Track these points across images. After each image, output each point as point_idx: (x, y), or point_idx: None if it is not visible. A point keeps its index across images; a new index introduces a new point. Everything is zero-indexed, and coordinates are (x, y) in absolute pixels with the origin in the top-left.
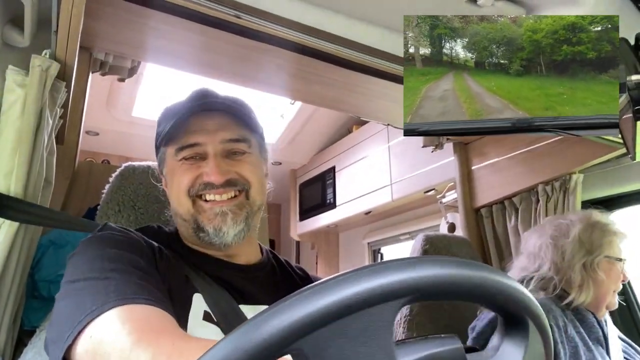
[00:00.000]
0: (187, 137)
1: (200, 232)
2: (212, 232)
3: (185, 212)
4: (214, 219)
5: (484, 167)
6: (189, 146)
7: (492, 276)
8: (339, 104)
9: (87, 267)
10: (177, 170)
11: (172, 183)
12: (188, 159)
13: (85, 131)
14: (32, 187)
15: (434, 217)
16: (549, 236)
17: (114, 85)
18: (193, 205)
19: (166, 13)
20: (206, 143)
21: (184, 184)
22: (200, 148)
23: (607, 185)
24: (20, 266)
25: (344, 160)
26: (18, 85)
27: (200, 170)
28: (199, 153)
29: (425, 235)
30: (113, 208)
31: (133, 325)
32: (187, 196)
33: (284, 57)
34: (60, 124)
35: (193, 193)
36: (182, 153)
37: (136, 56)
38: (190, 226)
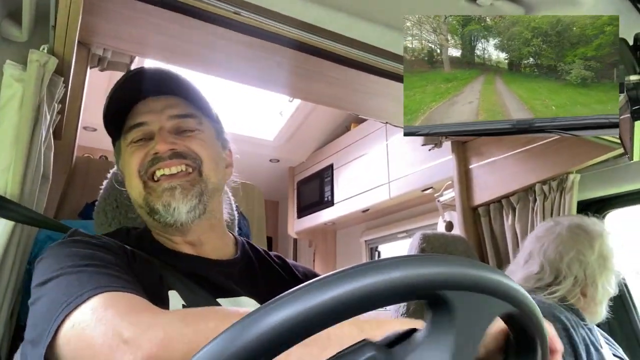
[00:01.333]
0: (133, 116)
1: (154, 214)
2: (162, 210)
3: (137, 196)
4: (162, 195)
5: (482, 166)
6: (135, 126)
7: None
8: (338, 101)
9: (57, 266)
10: (126, 154)
11: (124, 169)
12: (136, 141)
13: (83, 127)
14: (29, 183)
15: (432, 216)
16: (575, 251)
17: (113, 81)
18: (144, 188)
19: (165, 9)
20: (152, 121)
21: (133, 164)
22: (147, 127)
23: (603, 185)
24: (17, 261)
25: (342, 158)
26: (16, 80)
27: (147, 150)
28: (147, 133)
29: (423, 233)
30: (111, 204)
31: (115, 309)
32: (137, 177)
33: (283, 54)
34: (58, 120)
35: (142, 172)
36: (130, 135)
37: (135, 52)
38: (145, 211)
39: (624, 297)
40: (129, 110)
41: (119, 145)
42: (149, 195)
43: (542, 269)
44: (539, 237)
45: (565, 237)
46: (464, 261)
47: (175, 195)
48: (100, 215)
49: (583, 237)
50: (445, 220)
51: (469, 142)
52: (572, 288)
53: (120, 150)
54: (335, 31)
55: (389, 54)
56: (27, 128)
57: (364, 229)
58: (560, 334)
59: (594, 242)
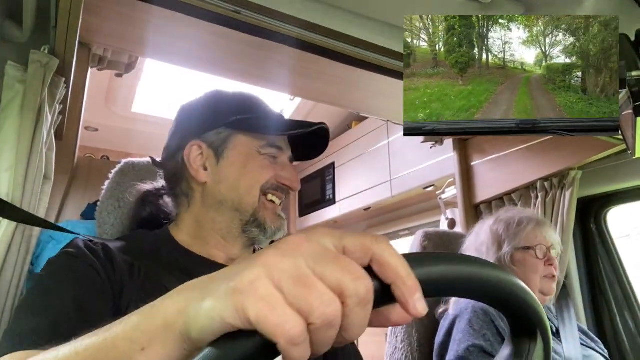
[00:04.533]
0: (277, 140)
1: (254, 227)
2: (271, 231)
3: (248, 203)
4: (277, 220)
5: (484, 163)
6: (279, 147)
7: (506, 277)
8: (339, 100)
9: (25, 301)
10: (256, 161)
11: (246, 170)
12: (272, 157)
13: (84, 127)
14: (31, 184)
15: (434, 213)
16: (480, 242)
17: (114, 81)
18: (259, 199)
19: (165, 8)
20: (285, 153)
21: (264, 177)
22: (281, 154)
23: (605, 182)
24: (20, 261)
25: (343, 156)
26: (17, 81)
27: (276, 172)
28: (277, 157)
29: (425, 231)
30: (113, 204)
31: None
32: (259, 189)
33: (284, 53)
34: (59, 120)
35: (265, 187)
36: (271, 150)
37: (135, 52)
38: (244, 218)
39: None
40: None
41: (234, 135)
42: (262, 210)
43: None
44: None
45: (474, 230)
46: None
47: (283, 226)
48: (102, 216)
49: (479, 226)
50: (448, 218)
51: (471, 140)
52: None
53: (235, 141)
54: (336, 29)
55: (390, 52)
56: (29, 129)
57: (366, 227)
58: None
59: (483, 227)
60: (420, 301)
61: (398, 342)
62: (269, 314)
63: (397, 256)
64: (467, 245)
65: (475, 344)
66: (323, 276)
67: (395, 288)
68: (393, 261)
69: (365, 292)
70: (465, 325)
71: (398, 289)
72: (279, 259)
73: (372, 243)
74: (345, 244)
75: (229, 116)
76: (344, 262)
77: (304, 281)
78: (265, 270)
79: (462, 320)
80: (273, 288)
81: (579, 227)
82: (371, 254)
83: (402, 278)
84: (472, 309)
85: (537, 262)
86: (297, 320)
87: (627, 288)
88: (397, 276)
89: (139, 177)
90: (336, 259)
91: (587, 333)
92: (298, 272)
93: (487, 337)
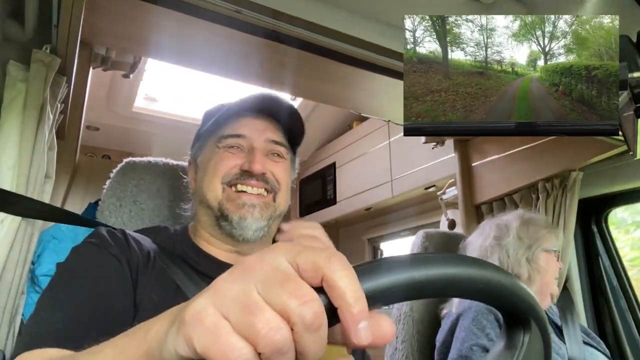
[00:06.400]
0: (234, 127)
1: (223, 221)
2: (236, 221)
3: (212, 198)
4: (241, 208)
5: (485, 164)
6: (235, 135)
7: (505, 278)
8: (340, 100)
9: (48, 291)
10: (215, 157)
11: (207, 169)
12: (229, 148)
13: (85, 126)
14: (33, 183)
15: (435, 214)
16: (492, 238)
17: (115, 80)
18: (222, 192)
19: (167, 8)
20: (252, 137)
21: (221, 169)
22: (245, 140)
23: (606, 182)
24: (21, 260)
25: (344, 157)
26: (19, 80)
27: (240, 161)
28: (242, 145)
29: (425, 231)
30: (114, 203)
31: None
32: (220, 182)
33: (285, 52)
34: (60, 119)
35: (226, 181)
36: (226, 141)
37: (137, 51)
38: (214, 214)
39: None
40: (229, 117)
41: (204, 142)
42: (226, 202)
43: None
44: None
45: (488, 232)
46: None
47: (254, 213)
48: (103, 215)
49: (501, 227)
50: (448, 219)
51: (472, 140)
52: None
53: (205, 147)
54: (337, 29)
55: (391, 52)
56: (31, 128)
57: (367, 227)
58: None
59: (510, 228)
60: (365, 330)
61: (398, 343)
62: (213, 343)
63: (346, 277)
64: (469, 244)
65: (479, 343)
66: (271, 301)
67: (341, 313)
68: (341, 283)
69: (311, 317)
70: (468, 324)
71: (342, 314)
72: (229, 285)
73: (324, 262)
74: (298, 262)
75: (200, 129)
76: (293, 285)
77: (251, 308)
78: (213, 298)
79: (466, 319)
80: (220, 317)
81: (580, 228)
82: (322, 274)
83: (347, 304)
84: (476, 308)
85: (557, 264)
86: (242, 349)
87: (627, 289)
88: (343, 301)
89: (140, 176)
90: (285, 281)
91: (590, 333)
92: (246, 298)
93: (490, 336)
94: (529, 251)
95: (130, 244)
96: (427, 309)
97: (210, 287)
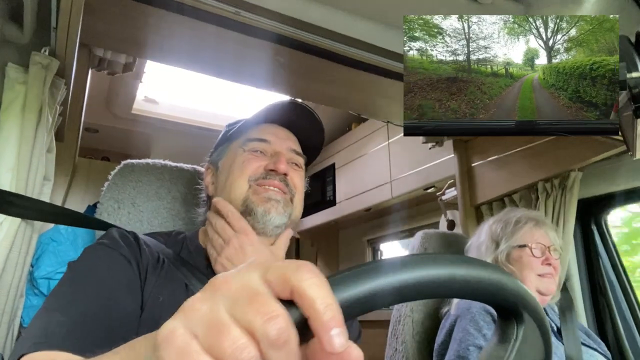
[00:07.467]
0: (260, 133)
1: (247, 216)
2: (260, 214)
3: (238, 195)
4: (267, 202)
5: (484, 164)
6: (260, 140)
7: (486, 272)
8: (339, 101)
9: (58, 289)
10: (240, 158)
11: (232, 169)
12: (254, 151)
13: (84, 128)
14: (32, 185)
15: (434, 215)
16: (480, 242)
17: (114, 82)
18: (249, 188)
19: (166, 10)
20: (276, 143)
21: (248, 170)
22: (269, 146)
23: (606, 183)
24: (20, 263)
25: (343, 158)
26: (18, 83)
27: (265, 162)
28: (266, 150)
29: (425, 232)
30: (112, 205)
31: None
32: (246, 180)
33: (284, 54)
34: (59, 121)
35: (253, 179)
36: (252, 144)
37: (136, 54)
38: (238, 210)
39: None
40: (256, 123)
41: (227, 146)
42: (252, 195)
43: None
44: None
45: (479, 233)
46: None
47: (278, 208)
48: (102, 217)
49: (480, 228)
50: (448, 219)
51: (471, 141)
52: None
53: (228, 151)
54: (336, 31)
55: (390, 53)
56: (30, 130)
57: (367, 228)
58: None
59: (483, 229)
60: (339, 337)
61: (398, 344)
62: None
63: (315, 285)
64: (470, 246)
65: (475, 344)
66: (239, 319)
67: (311, 322)
68: (311, 292)
69: (276, 334)
70: (466, 325)
71: (312, 323)
72: (199, 304)
73: (292, 273)
74: (269, 277)
75: (225, 134)
76: (259, 302)
77: (218, 327)
78: (183, 318)
79: (464, 320)
80: (190, 337)
81: (580, 228)
82: (290, 286)
83: (316, 312)
84: (474, 309)
85: (533, 260)
86: None
87: (627, 289)
88: (312, 309)
89: (139, 178)
90: (253, 298)
91: (590, 334)
92: (213, 317)
93: (487, 337)
94: (497, 251)
95: (141, 246)
96: (426, 310)
97: (182, 307)
